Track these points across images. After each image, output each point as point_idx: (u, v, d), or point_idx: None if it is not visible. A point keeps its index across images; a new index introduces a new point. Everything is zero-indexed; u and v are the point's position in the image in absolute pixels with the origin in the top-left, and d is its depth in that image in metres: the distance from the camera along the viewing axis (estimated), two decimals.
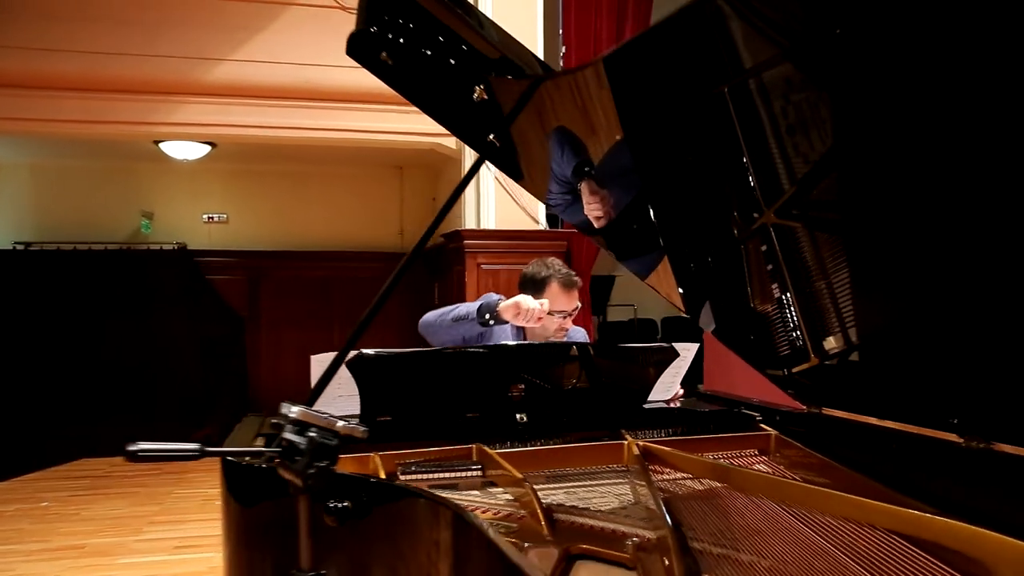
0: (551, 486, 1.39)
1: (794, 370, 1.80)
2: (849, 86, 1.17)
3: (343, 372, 1.70)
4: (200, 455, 0.95)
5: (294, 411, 0.97)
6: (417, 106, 1.74)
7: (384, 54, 1.51)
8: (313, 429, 0.96)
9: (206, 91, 5.02)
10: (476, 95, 1.48)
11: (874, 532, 1.11)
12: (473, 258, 5.07)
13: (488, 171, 5.18)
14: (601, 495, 1.37)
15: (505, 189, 5.19)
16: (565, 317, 2.36)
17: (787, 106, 1.29)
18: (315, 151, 5.91)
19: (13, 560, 3.12)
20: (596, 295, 6.89)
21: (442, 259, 6.30)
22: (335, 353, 1.55)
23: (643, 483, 1.39)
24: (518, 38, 4.87)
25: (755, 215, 1.68)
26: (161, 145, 5.75)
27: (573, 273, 2.45)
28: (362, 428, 0.99)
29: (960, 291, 1.29)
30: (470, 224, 5.26)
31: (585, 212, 1.76)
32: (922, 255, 1.31)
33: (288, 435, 0.96)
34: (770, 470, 1.58)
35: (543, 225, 5.33)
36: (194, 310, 6.47)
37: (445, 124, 1.84)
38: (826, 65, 1.15)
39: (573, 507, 1.27)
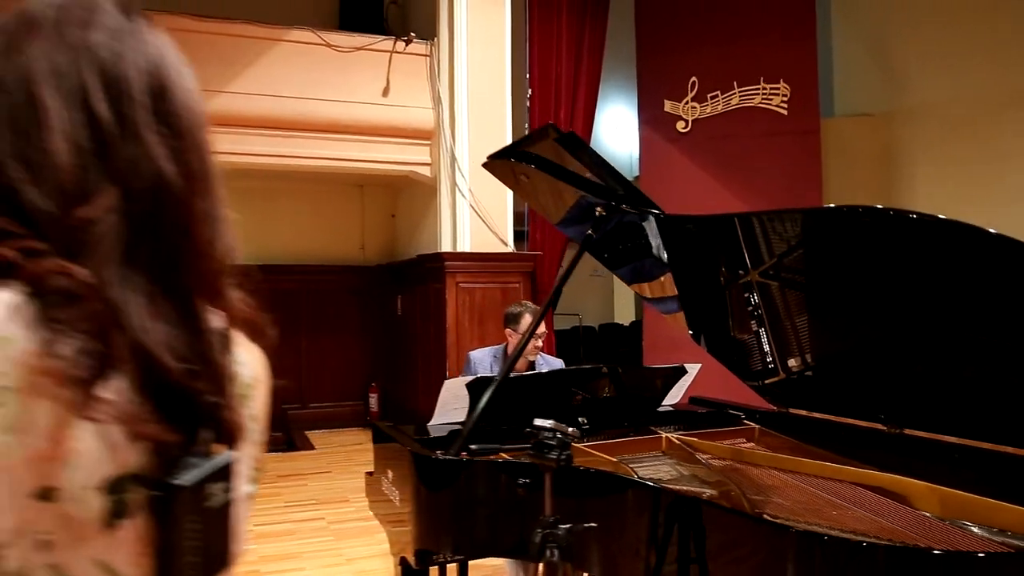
0: (632, 465, 2.07)
1: (766, 381, 2.57)
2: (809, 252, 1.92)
3: (460, 391, 2.31)
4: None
5: (547, 423, 1.54)
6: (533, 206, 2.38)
7: (524, 177, 2.12)
8: (557, 433, 1.54)
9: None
10: (598, 212, 2.15)
11: (837, 482, 1.85)
12: (452, 277, 5.67)
13: (463, 199, 5.80)
14: (664, 468, 2.07)
15: (479, 216, 5.82)
16: (538, 338, 3.09)
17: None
18: (282, 170, 6.25)
19: None
20: None
21: (409, 274, 6.85)
22: (464, 379, 2.20)
23: (685, 461, 2.10)
24: (492, 86, 5.68)
25: (742, 273, 2.43)
26: None
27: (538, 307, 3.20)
28: (577, 432, 1.62)
29: (879, 330, 2.07)
30: (446, 246, 5.86)
31: None
32: (853, 308, 2.09)
33: (542, 438, 1.52)
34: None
35: (512, 248, 6.00)
36: None
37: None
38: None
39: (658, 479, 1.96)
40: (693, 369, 2.67)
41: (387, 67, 5.90)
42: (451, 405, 2.33)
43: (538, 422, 1.53)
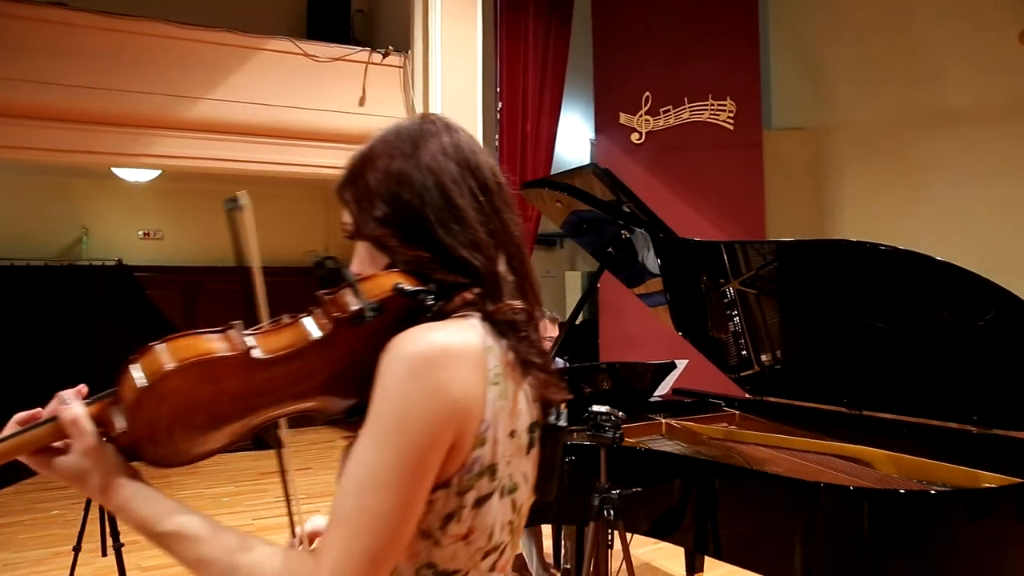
0: (645, 445, 2.44)
1: (743, 374, 3.01)
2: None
3: None
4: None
5: (603, 408, 1.88)
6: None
7: (558, 203, 2.46)
8: (612, 416, 1.88)
9: (182, 126, 5.49)
10: (623, 235, 2.51)
11: (815, 453, 2.28)
12: None
13: None
14: (670, 447, 2.45)
15: None
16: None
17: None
18: (258, 176, 6.38)
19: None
20: None
21: None
22: None
23: (686, 441, 2.49)
24: (464, 98, 6.00)
25: (722, 282, 2.85)
26: (114, 167, 6.06)
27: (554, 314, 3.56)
28: (626, 416, 1.96)
29: (840, 330, 2.51)
30: None
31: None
32: (818, 311, 2.52)
33: (599, 420, 1.86)
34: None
35: None
36: (134, 324, 6.74)
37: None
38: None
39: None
40: (681, 364, 3.07)
41: (363, 77, 6.13)
42: None
43: (595, 408, 1.88)
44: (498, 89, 6.41)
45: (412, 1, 6.22)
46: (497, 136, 6.46)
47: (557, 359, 3.66)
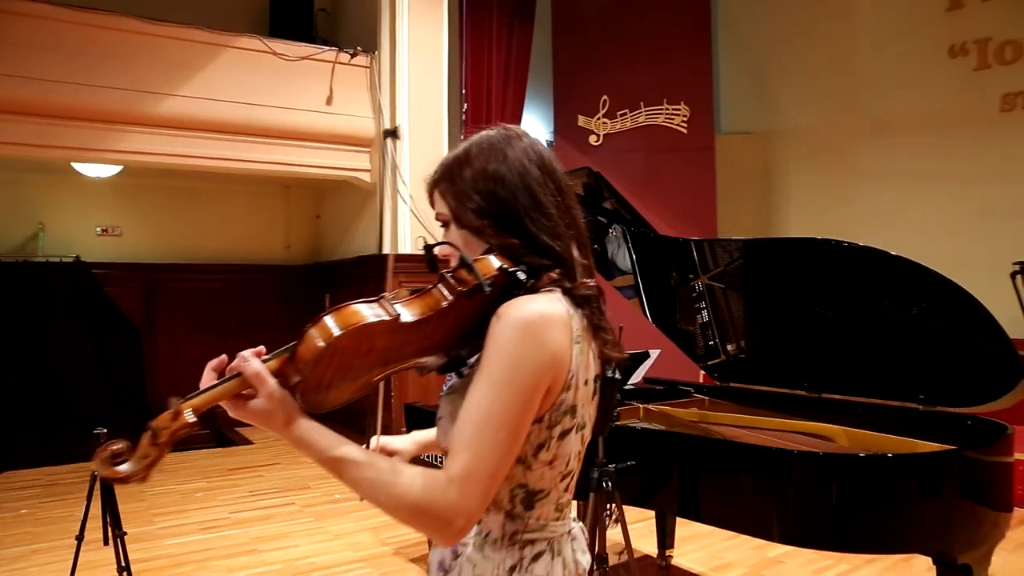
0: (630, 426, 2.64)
1: (710, 362, 3.25)
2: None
3: None
4: None
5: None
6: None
7: None
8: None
9: (149, 122, 5.46)
10: (612, 232, 2.70)
11: (781, 431, 2.53)
12: (396, 277, 6.06)
13: (404, 204, 6.21)
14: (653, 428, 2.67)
15: (419, 220, 6.25)
16: None
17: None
18: (224, 172, 6.36)
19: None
20: None
21: (340, 274, 7.14)
22: None
23: (665, 424, 2.71)
24: (431, 99, 6.19)
25: (691, 277, 3.09)
26: (78, 162, 5.98)
27: None
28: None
29: (799, 321, 2.77)
30: (387, 248, 6.24)
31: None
32: (779, 304, 2.78)
33: None
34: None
35: None
36: (92, 321, 6.63)
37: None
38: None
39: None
40: (654, 354, 3.29)
41: (330, 77, 6.20)
42: None
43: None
44: (463, 90, 6.57)
45: (379, 2, 6.32)
46: (463, 136, 6.59)
47: None
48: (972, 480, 1.92)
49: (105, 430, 2.70)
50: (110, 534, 2.60)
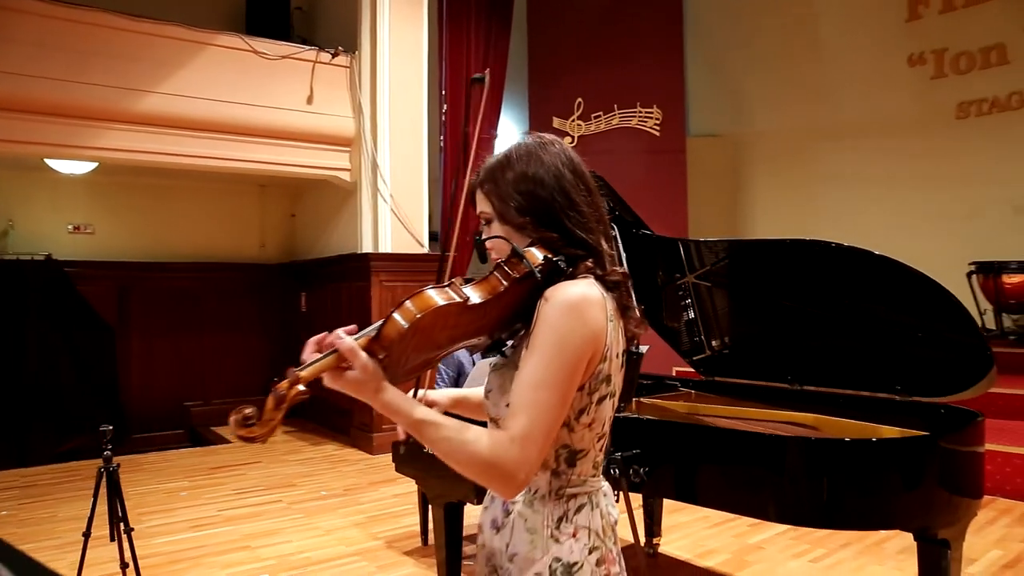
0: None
1: (695, 358, 3.41)
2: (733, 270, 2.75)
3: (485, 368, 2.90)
4: None
5: None
6: None
7: None
8: None
9: (127, 119, 5.41)
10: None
11: (767, 421, 2.69)
12: (376, 275, 6.13)
13: (385, 203, 6.27)
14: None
15: (399, 219, 6.31)
16: None
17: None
18: (188, 167, 6.27)
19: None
20: None
21: (318, 273, 7.15)
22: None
23: (658, 415, 2.85)
24: (411, 99, 6.26)
25: (678, 276, 3.24)
26: (54, 158, 5.89)
27: None
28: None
29: (783, 317, 2.94)
30: (367, 247, 6.29)
31: None
32: (764, 301, 2.94)
33: None
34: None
35: (427, 249, 6.54)
36: (65, 320, 6.53)
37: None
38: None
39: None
40: (643, 350, 3.43)
41: (310, 76, 6.21)
42: (477, 382, 2.91)
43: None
44: (443, 92, 6.64)
45: (359, 2, 6.35)
46: (442, 137, 6.69)
47: None
48: (948, 461, 2.09)
49: (111, 427, 2.73)
50: (120, 528, 2.63)
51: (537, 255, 1.10)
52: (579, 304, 1.06)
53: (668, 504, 3.62)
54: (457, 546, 2.83)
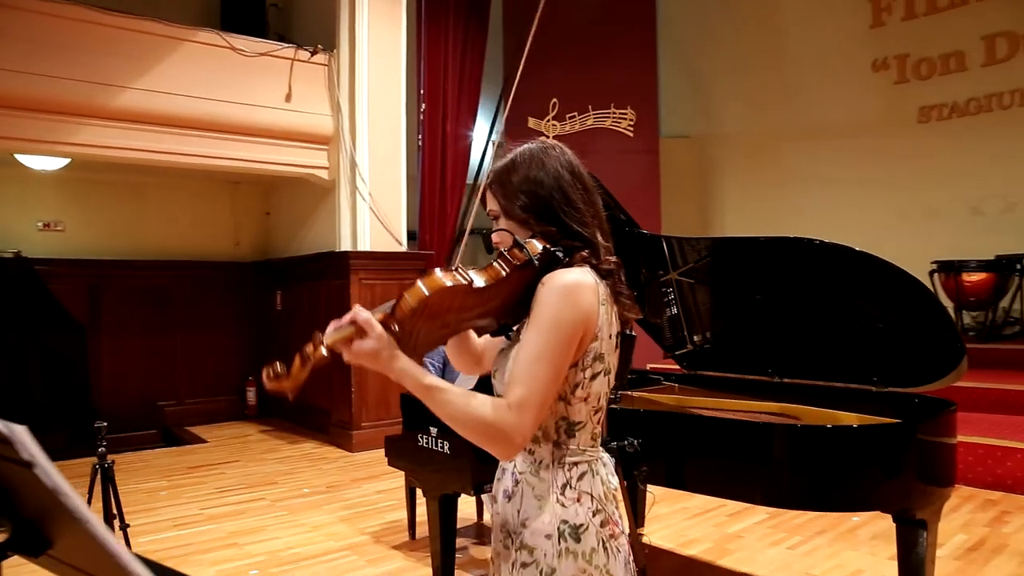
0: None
1: (677, 352, 3.52)
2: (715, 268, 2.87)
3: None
4: None
5: None
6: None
7: None
8: None
9: (101, 114, 5.34)
10: None
11: (751, 412, 2.80)
12: (356, 274, 6.13)
13: (363, 201, 6.28)
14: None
15: (378, 218, 6.33)
16: None
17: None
18: (165, 164, 6.18)
19: None
20: None
21: (294, 271, 7.13)
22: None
23: (648, 407, 2.95)
24: (389, 98, 6.28)
25: (661, 273, 3.35)
26: (25, 154, 5.78)
27: None
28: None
29: (763, 312, 3.06)
30: (346, 245, 6.29)
31: None
32: (745, 297, 3.06)
33: None
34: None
35: (406, 247, 6.56)
36: (35, 319, 6.41)
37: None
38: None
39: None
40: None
41: (288, 74, 6.19)
42: (468, 386, 2.98)
43: None
44: (421, 91, 6.67)
45: (338, 0, 6.34)
46: (420, 136, 6.72)
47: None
48: (924, 446, 2.22)
49: (105, 424, 2.73)
50: (116, 524, 2.63)
51: (536, 246, 1.24)
52: (573, 288, 1.18)
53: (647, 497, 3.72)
54: (452, 537, 2.89)
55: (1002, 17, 6.81)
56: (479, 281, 1.19)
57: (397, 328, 1.14)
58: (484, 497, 3.50)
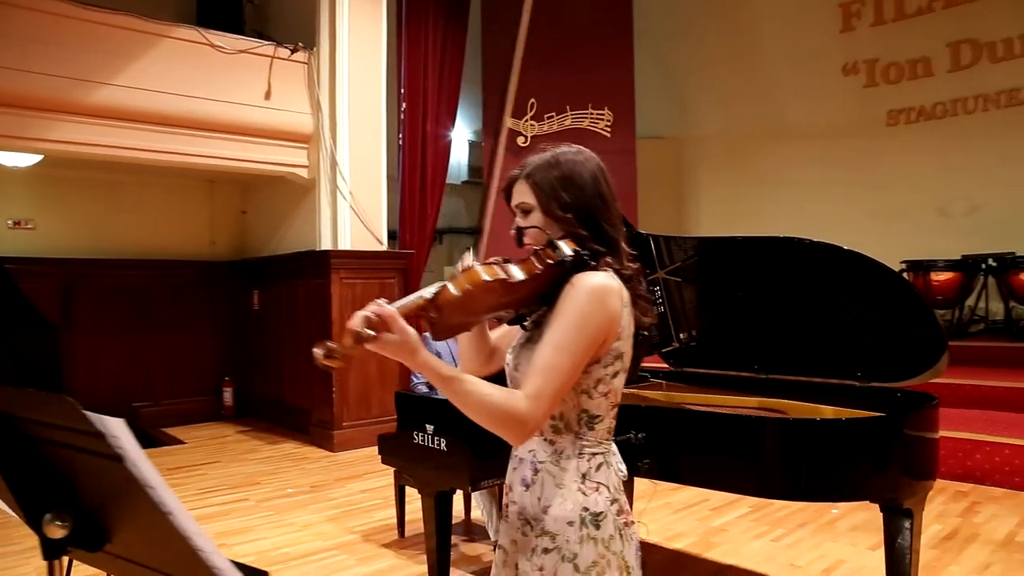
0: None
1: (664, 350, 3.58)
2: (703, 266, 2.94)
3: None
4: None
5: None
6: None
7: None
8: None
9: (77, 111, 5.25)
10: None
11: (739, 407, 2.88)
12: (337, 273, 6.11)
13: (344, 200, 6.26)
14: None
15: (358, 217, 6.31)
16: None
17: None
18: (142, 162, 6.09)
19: None
20: None
21: (272, 270, 7.07)
22: None
23: (640, 403, 3.01)
24: (370, 96, 6.28)
25: (648, 272, 3.41)
26: None
27: None
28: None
29: (749, 310, 3.14)
30: (326, 244, 6.27)
31: None
32: (731, 295, 3.14)
33: None
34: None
35: (386, 247, 6.56)
36: (5, 319, 6.26)
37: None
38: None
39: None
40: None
41: (267, 71, 6.15)
42: None
43: None
44: (402, 90, 6.67)
45: None
46: (400, 135, 6.71)
47: None
48: (909, 438, 2.31)
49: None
50: None
51: (567, 248, 1.30)
52: (601, 291, 1.25)
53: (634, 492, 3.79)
54: (447, 534, 2.92)
55: (966, 25, 7.04)
56: (516, 276, 1.25)
57: (435, 314, 1.20)
58: (476, 495, 3.53)
